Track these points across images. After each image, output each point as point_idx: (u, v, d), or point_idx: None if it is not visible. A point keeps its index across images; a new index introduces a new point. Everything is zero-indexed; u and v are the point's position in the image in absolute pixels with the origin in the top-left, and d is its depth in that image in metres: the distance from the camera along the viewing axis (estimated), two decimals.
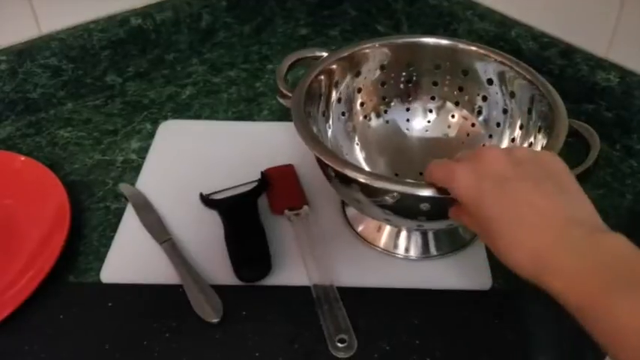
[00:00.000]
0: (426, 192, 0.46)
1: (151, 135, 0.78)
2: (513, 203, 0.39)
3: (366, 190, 0.49)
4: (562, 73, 0.75)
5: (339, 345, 0.52)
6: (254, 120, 0.81)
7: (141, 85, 0.87)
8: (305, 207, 0.65)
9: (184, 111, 0.83)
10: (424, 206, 0.49)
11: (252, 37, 0.97)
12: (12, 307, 0.55)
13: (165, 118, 0.81)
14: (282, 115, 0.82)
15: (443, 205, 0.48)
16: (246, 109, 0.83)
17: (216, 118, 0.81)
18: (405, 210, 0.51)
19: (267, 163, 0.70)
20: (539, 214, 0.38)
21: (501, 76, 0.60)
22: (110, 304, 0.57)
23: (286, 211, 0.64)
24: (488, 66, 0.61)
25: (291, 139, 0.76)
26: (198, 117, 0.82)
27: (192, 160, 0.73)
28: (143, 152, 0.75)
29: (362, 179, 0.48)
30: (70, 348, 0.54)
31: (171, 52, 0.90)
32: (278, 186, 0.68)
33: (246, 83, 0.88)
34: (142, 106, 0.84)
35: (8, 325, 0.55)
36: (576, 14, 0.73)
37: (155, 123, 0.80)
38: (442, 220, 0.51)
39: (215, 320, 0.55)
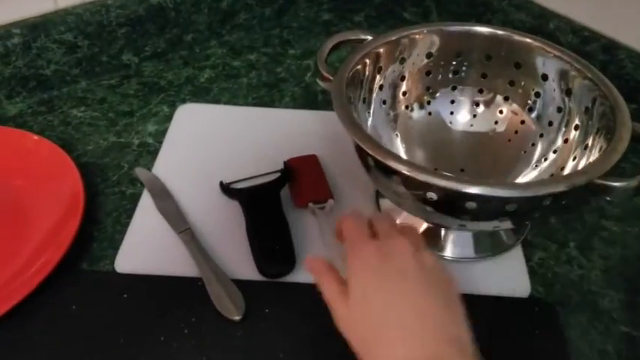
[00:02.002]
0: (476, 189, 0.42)
1: (168, 118, 0.74)
2: (395, 307, 0.39)
3: (409, 183, 0.46)
4: (603, 70, 0.70)
5: None
6: (275, 107, 0.78)
7: (158, 65, 0.84)
8: (330, 201, 0.61)
9: (203, 94, 0.79)
10: (470, 205, 0.45)
11: (273, 20, 0.93)
12: (21, 296, 0.51)
13: (183, 101, 0.78)
14: (305, 102, 0.78)
15: (492, 206, 0.45)
16: (267, 94, 0.80)
17: (236, 104, 0.78)
18: (449, 207, 0.47)
19: (289, 152, 0.67)
20: (418, 323, 0.38)
21: (559, 72, 0.56)
22: (125, 296, 0.54)
23: (310, 205, 0.61)
24: (544, 60, 0.57)
25: (314, 127, 0.73)
26: (217, 101, 0.78)
27: (211, 147, 0.70)
28: (160, 136, 0.71)
29: (405, 171, 0.44)
30: (83, 341, 0.50)
31: (190, 33, 0.86)
32: (302, 177, 0.64)
33: (266, 68, 0.85)
34: (159, 87, 0.80)
35: (17, 315, 0.51)
36: (620, 8, 0.69)
37: (172, 106, 0.76)
38: (488, 221, 0.48)
39: (237, 317, 0.52)
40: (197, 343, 0.50)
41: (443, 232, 0.58)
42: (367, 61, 0.56)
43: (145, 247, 0.58)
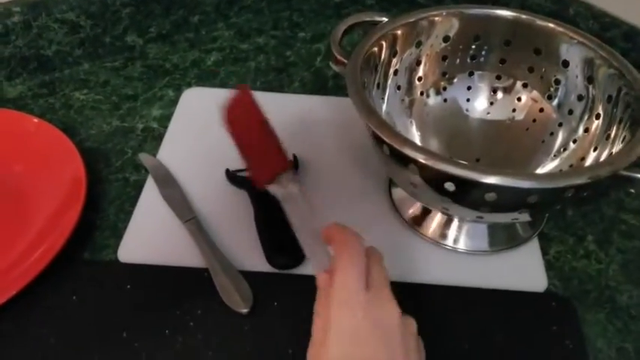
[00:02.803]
0: (498, 180, 0.40)
1: (174, 102, 0.72)
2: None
3: (426, 172, 0.44)
4: (624, 58, 0.68)
5: None
6: (284, 92, 0.75)
7: (163, 47, 0.81)
8: (284, 174, 0.46)
9: (209, 78, 0.77)
10: (490, 196, 0.43)
11: (283, 2, 0.90)
12: (20, 286, 0.49)
13: (189, 85, 0.75)
14: (315, 87, 0.76)
15: (512, 197, 0.43)
16: (276, 79, 0.77)
17: None
18: (467, 198, 0.45)
19: (300, 139, 0.65)
20: None
21: (582, 59, 0.54)
22: (128, 287, 0.52)
23: (269, 187, 0.47)
24: (567, 47, 0.54)
25: (325, 114, 0.70)
26: (224, 85, 0.76)
27: (218, 133, 0.66)
28: (165, 120, 0.69)
29: (423, 160, 0.42)
30: (83, 333, 0.49)
31: (196, 14, 0.83)
32: (247, 150, 0.49)
33: (275, 52, 0.82)
34: (164, 70, 0.78)
35: (16, 305, 0.50)
36: None
37: (178, 90, 0.74)
38: (507, 212, 0.46)
39: (244, 310, 0.50)
40: (203, 337, 0.49)
41: (456, 223, 0.56)
42: (383, 43, 0.54)
43: (149, 237, 0.56)
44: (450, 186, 0.43)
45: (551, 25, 0.55)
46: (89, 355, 0.47)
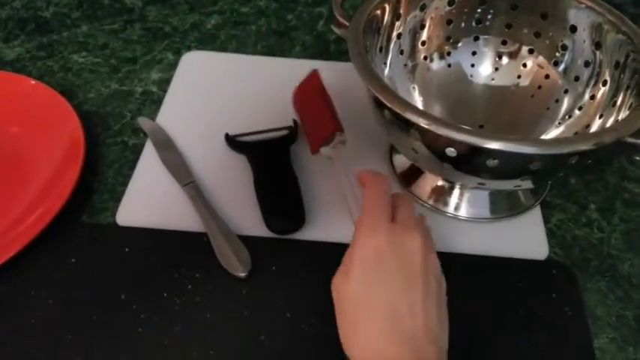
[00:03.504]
0: (500, 145, 0.39)
1: (173, 66, 0.71)
2: (390, 303, 0.38)
3: (428, 138, 0.43)
4: (634, 23, 0.67)
5: None
6: (285, 56, 0.74)
7: (162, 10, 0.80)
8: (337, 135, 0.53)
9: (209, 42, 0.76)
10: (492, 162, 0.42)
11: None
12: (18, 248, 0.49)
13: (189, 48, 0.74)
14: (316, 52, 0.75)
15: (515, 164, 0.42)
16: (277, 43, 0.76)
17: (244, 52, 0.74)
18: (468, 165, 0.44)
19: None
20: (410, 322, 0.37)
21: (590, 24, 0.52)
22: (127, 250, 0.52)
23: (322, 149, 0.54)
24: (575, 11, 0.53)
25: (326, 79, 0.69)
26: (224, 49, 0.75)
27: (218, 97, 0.67)
28: (164, 84, 0.68)
29: (425, 125, 0.41)
30: (82, 296, 0.49)
31: None
32: (307, 119, 0.58)
33: (276, 15, 0.80)
34: (164, 33, 0.76)
35: (13, 268, 0.49)
36: None
37: (177, 53, 0.73)
38: (509, 179, 0.45)
39: (242, 274, 0.50)
40: (201, 300, 0.49)
41: (457, 190, 0.56)
42: (386, 6, 0.52)
43: (148, 200, 0.55)
44: (451, 152, 0.43)
45: None
46: (87, 317, 0.47)
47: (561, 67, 0.56)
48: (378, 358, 0.36)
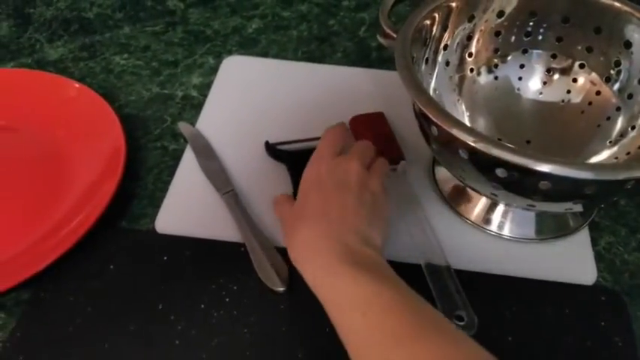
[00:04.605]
0: (555, 169, 0.38)
1: (214, 70, 0.70)
2: (325, 205, 0.44)
3: (476, 157, 0.41)
4: None
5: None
6: (326, 62, 0.73)
7: (204, 13, 0.79)
8: (402, 162, 0.57)
9: (250, 46, 0.75)
10: (544, 185, 0.41)
11: None
12: (58, 253, 0.49)
13: (230, 52, 0.74)
14: (357, 58, 0.74)
15: (568, 187, 0.41)
16: (318, 49, 0.75)
17: (285, 57, 0.74)
18: (519, 186, 0.43)
19: (341, 112, 0.62)
20: (338, 217, 0.43)
21: None
22: (165, 258, 0.51)
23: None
24: (631, 27, 0.51)
25: (367, 87, 0.68)
26: (265, 54, 0.74)
27: (258, 103, 0.66)
28: (204, 89, 0.68)
29: (473, 143, 0.40)
30: (119, 303, 0.49)
31: None
32: (369, 138, 0.57)
33: (318, 20, 0.79)
34: (205, 37, 0.76)
35: (52, 274, 0.49)
36: None
37: (218, 57, 0.73)
38: (560, 202, 0.44)
39: (280, 289, 0.49)
40: (238, 313, 0.48)
41: (502, 208, 0.54)
42: (436, 15, 0.51)
43: (187, 208, 0.55)
44: (501, 172, 0.41)
45: (617, 3, 0.51)
46: (125, 325, 0.47)
47: (614, 84, 0.54)
48: (312, 251, 0.42)
